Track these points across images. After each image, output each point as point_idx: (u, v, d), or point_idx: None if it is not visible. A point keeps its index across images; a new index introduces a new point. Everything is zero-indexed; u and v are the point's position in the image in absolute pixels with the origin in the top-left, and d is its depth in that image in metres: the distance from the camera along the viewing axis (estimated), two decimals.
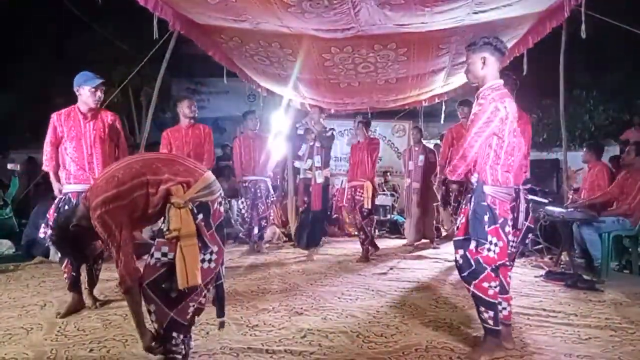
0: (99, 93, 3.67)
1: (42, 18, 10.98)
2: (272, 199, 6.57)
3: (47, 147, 3.68)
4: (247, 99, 13.18)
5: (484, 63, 2.75)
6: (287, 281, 4.56)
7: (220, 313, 2.59)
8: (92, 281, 3.71)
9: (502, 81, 2.79)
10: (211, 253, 2.30)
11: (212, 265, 2.33)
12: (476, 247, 2.68)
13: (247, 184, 6.24)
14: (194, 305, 2.34)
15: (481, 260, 2.67)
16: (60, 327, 3.13)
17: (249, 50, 6.20)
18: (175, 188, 2.26)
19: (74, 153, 3.60)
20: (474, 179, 2.77)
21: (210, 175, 2.42)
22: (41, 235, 3.70)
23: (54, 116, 3.66)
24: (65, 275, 3.57)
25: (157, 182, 2.27)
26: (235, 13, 4.97)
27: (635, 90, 9.80)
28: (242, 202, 6.23)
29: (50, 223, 3.59)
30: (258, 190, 6.23)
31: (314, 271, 5.08)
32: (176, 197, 2.24)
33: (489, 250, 2.67)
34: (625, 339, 3.01)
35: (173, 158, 2.51)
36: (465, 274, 2.72)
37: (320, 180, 5.81)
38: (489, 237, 2.66)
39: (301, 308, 3.60)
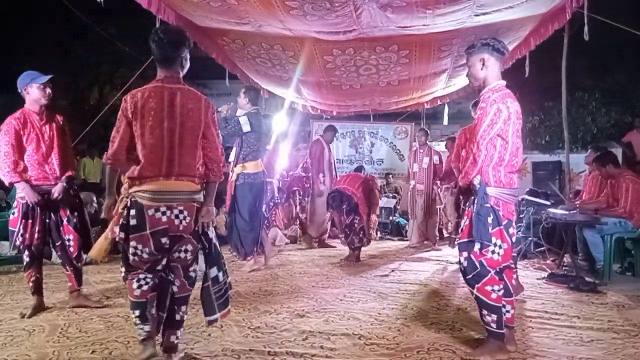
0: (48, 89, 3.57)
1: (45, 19, 11.01)
2: (276, 201, 6.55)
3: (10, 157, 3.42)
4: None
5: (483, 64, 2.74)
6: (289, 283, 4.56)
7: (208, 312, 2.62)
8: (79, 280, 3.73)
9: (504, 82, 2.78)
10: (136, 248, 2.42)
11: (145, 256, 2.43)
12: (480, 249, 2.67)
13: None
14: (136, 282, 2.45)
15: (485, 263, 2.66)
16: (62, 328, 3.14)
17: (251, 53, 6.22)
18: (124, 179, 2.48)
19: (33, 155, 3.52)
20: (476, 181, 2.76)
21: (162, 186, 2.43)
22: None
23: (13, 120, 3.47)
24: (32, 279, 3.57)
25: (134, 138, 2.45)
26: (237, 16, 4.99)
27: (637, 92, 9.79)
28: None
29: (19, 234, 3.50)
30: None
31: (316, 273, 5.08)
32: (125, 186, 2.48)
33: (493, 252, 2.66)
34: (627, 341, 3.01)
35: (162, 148, 2.46)
36: (469, 276, 2.71)
37: (231, 177, 5.04)
38: (493, 239, 2.65)
39: (303, 310, 3.60)
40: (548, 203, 6.12)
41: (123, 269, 2.51)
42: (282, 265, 5.44)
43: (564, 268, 5.34)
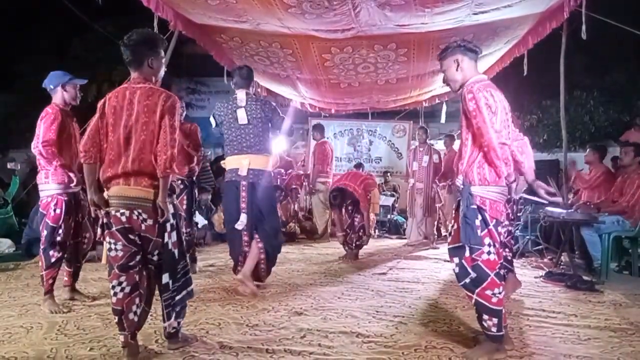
0: (79, 92, 3.69)
1: (43, 18, 10.99)
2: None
3: (54, 147, 3.44)
4: None
5: (458, 65, 2.70)
6: (287, 281, 4.56)
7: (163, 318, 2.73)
8: (77, 276, 3.82)
9: (485, 76, 2.74)
10: (110, 243, 2.58)
11: (119, 249, 2.57)
12: (471, 253, 2.60)
13: None
14: (112, 289, 2.58)
15: (483, 266, 2.57)
16: (60, 326, 3.14)
17: (250, 51, 6.22)
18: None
19: (69, 152, 3.55)
20: (459, 181, 2.70)
21: (121, 191, 2.56)
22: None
23: (55, 112, 3.47)
24: (55, 276, 3.56)
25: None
26: (235, 14, 4.99)
27: (635, 91, 9.80)
28: None
29: (61, 230, 3.52)
30: None
31: (314, 271, 5.09)
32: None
33: (489, 253, 2.58)
34: (624, 339, 3.01)
35: (118, 145, 2.57)
36: (466, 281, 2.64)
37: None
38: (486, 241, 2.58)
39: (301, 308, 3.61)
40: (546, 202, 6.12)
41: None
42: (280, 263, 5.43)
43: (561, 266, 5.35)
